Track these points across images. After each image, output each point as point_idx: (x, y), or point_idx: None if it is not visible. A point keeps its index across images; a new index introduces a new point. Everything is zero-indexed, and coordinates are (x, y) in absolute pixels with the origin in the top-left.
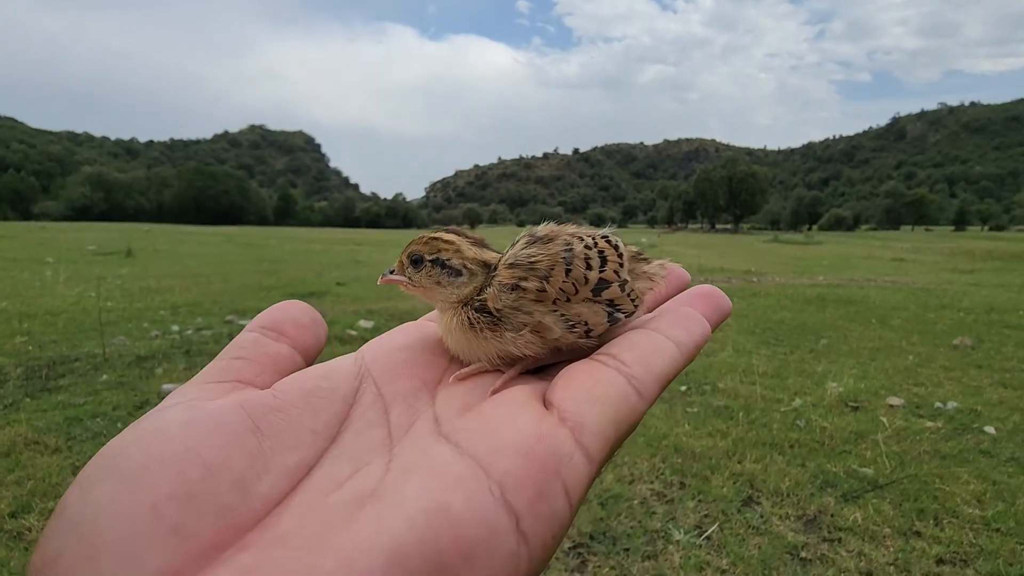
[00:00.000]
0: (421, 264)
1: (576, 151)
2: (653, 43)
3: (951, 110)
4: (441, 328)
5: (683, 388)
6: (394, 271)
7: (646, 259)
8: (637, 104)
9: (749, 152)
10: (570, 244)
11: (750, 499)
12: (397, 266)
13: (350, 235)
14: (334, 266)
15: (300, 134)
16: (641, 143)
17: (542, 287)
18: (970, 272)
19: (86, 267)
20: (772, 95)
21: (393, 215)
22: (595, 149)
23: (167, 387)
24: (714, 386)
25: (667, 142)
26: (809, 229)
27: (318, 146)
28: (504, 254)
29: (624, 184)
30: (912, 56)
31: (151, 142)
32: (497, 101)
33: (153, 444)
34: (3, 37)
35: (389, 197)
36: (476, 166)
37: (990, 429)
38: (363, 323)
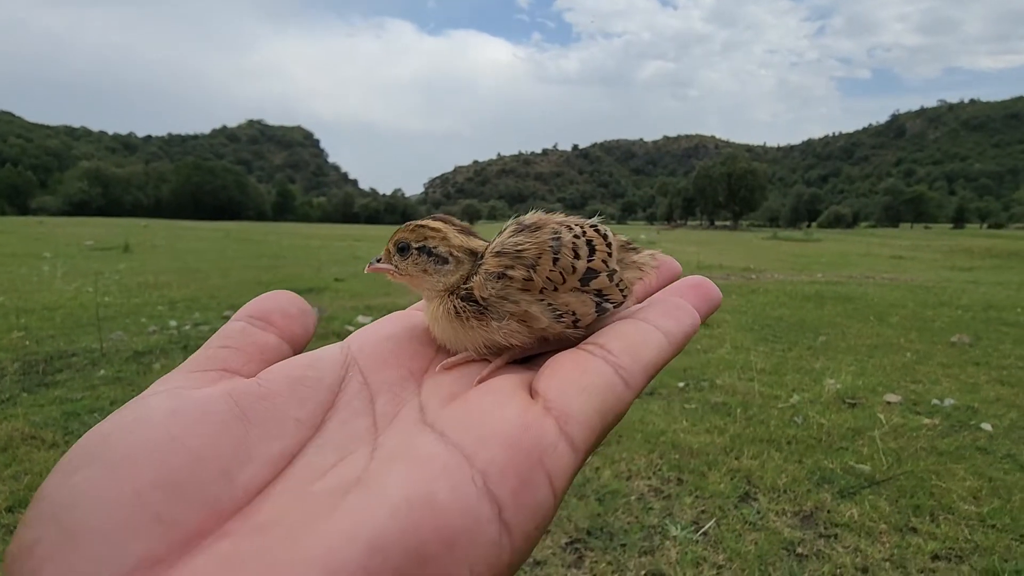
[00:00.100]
0: (408, 252)
1: (575, 147)
2: (653, 39)
3: (951, 107)
4: (428, 317)
5: (681, 384)
6: (381, 259)
7: (636, 249)
8: (637, 100)
9: (749, 149)
10: (558, 233)
11: (747, 495)
12: (384, 254)
13: (349, 231)
14: (333, 262)
15: (299, 129)
16: (641, 139)
17: (529, 276)
18: (968, 270)
19: (84, 262)
20: (772, 92)
21: (392, 211)
22: (594, 145)
23: None
24: (712, 383)
25: (667, 139)
26: (808, 226)
27: (317, 141)
28: (491, 242)
29: (623, 181)
30: (912, 53)
31: (149, 137)
32: (496, 97)
33: (136, 431)
34: (1, 31)
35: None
36: (475, 162)
37: (987, 426)
38: (361, 319)
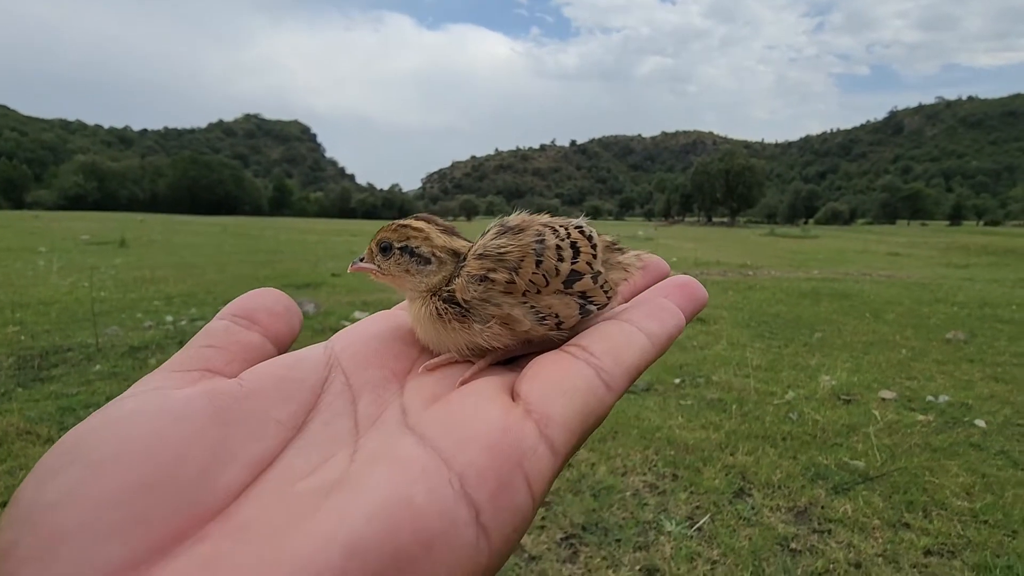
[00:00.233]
0: (390, 252)
1: (573, 143)
2: (652, 34)
3: (948, 104)
4: (411, 317)
5: (677, 381)
6: (364, 259)
7: (621, 249)
8: (635, 96)
9: (746, 145)
10: (541, 235)
11: (741, 491)
12: (367, 253)
13: (346, 226)
14: (330, 257)
15: (296, 123)
16: (639, 135)
17: (511, 279)
18: (964, 267)
19: (79, 257)
20: (770, 88)
21: (389, 206)
22: (592, 141)
23: None
24: (708, 379)
25: (665, 135)
26: (805, 223)
27: (314, 136)
28: (474, 243)
29: (621, 176)
30: (911, 49)
31: (145, 131)
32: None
33: (115, 433)
34: None
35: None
36: (473, 157)
37: (980, 422)
38: (358, 314)
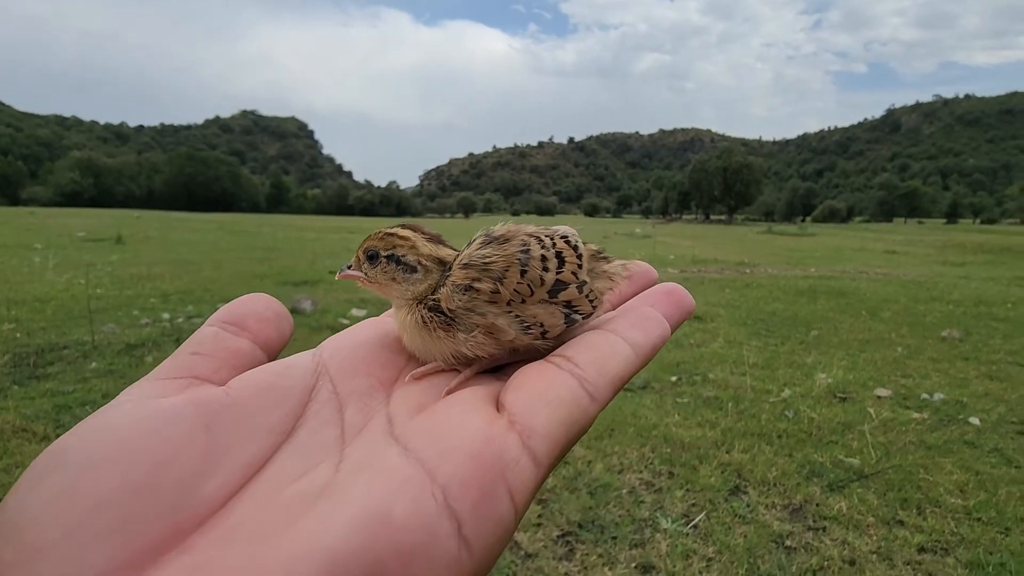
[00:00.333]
0: (376, 260)
1: (571, 140)
2: (650, 31)
3: (946, 102)
4: (397, 325)
5: (674, 379)
6: (351, 266)
7: (607, 258)
8: (633, 93)
9: (744, 143)
10: (527, 245)
11: (737, 488)
12: (354, 261)
13: (343, 223)
14: (327, 254)
15: (293, 120)
16: (637, 133)
17: (496, 289)
18: (961, 265)
19: (75, 253)
20: (768, 85)
21: (387, 203)
22: (590, 138)
23: None
24: (704, 377)
25: (663, 132)
26: (803, 220)
27: (311, 132)
28: (460, 252)
29: (619, 174)
30: (908, 47)
31: (141, 127)
32: (492, 88)
33: (100, 442)
34: None
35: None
36: (471, 154)
37: (975, 420)
38: (356, 312)
